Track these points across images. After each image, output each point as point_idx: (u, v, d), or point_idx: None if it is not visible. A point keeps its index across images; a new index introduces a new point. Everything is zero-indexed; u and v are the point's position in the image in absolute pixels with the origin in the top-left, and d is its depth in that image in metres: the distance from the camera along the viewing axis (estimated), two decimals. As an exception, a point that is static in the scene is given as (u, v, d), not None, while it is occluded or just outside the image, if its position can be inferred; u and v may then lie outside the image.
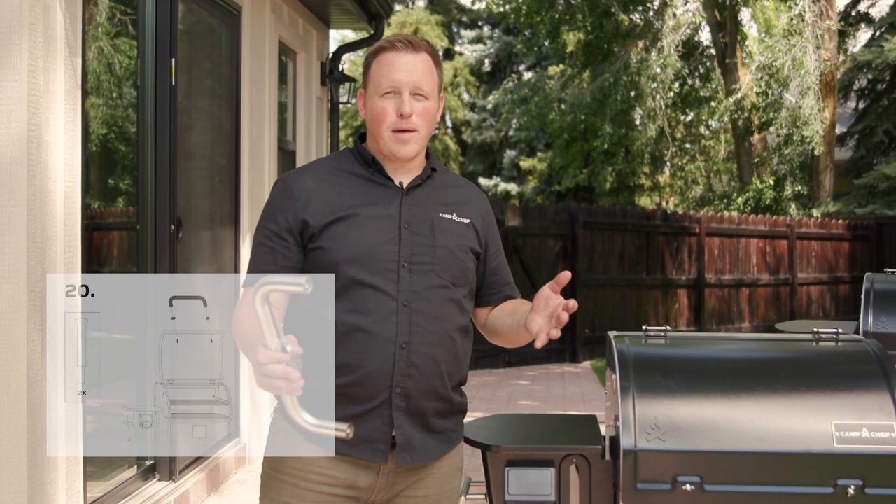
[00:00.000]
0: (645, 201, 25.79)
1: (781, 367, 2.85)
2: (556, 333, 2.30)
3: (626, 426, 2.67)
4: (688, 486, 2.63)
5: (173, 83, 4.78)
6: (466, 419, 3.13)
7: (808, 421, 2.66)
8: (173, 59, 4.77)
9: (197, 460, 5.15)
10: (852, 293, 17.54)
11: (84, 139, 3.90)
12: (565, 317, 2.30)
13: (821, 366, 2.89)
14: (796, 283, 16.52)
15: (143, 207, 4.78)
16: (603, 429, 3.08)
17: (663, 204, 26.28)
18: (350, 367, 2.35)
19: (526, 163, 27.17)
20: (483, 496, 2.96)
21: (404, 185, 2.50)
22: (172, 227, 4.79)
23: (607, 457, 2.89)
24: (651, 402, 2.70)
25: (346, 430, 2.18)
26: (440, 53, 2.48)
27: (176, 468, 4.84)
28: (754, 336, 3.20)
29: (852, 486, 2.61)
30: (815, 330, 2.95)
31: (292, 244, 2.42)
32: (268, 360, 2.06)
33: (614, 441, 2.81)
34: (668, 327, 3.01)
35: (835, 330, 2.96)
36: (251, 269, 2.46)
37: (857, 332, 4.68)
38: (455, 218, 2.52)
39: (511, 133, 27.37)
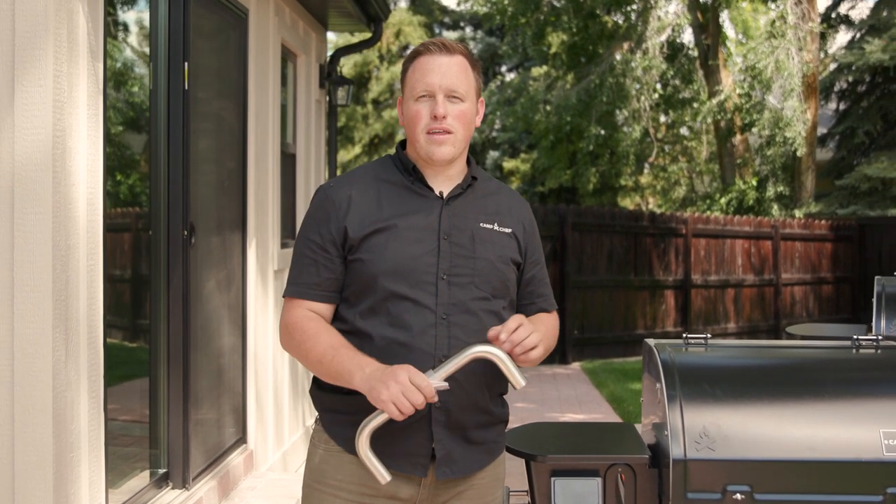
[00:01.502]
0: (627, 202, 25.87)
1: (825, 375, 2.85)
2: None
3: (674, 435, 2.66)
4: (738, 496, 2.63)
5: (186, 87, 4.74)
6: (518, 426, 3.11)
7: (856, 429, 2.66)
8: (186, 63, 4.73)
9: (208, 468, 5.10)
10: (835, 293, 17.66)
11: (106, 144, 3.86)
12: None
13: (864, 373, 2.90)
14: (780, 284, 16.61)
15: (155, 212, 4.73)
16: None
17: (642, 205, 26.35)
18: None
19: (509, 164, 27.20)
20: (525, 505, 2.94)
21: (444, 195, 2.47)
22: (185, 232, 4.75)
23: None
24: (699, 411, 2.69)
25: (384, 474, 2.27)
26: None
27: (189, 476, 4.80)
28: (792, 343, 3.21)
29: (901, 495, 2.61)
30: (856, 337, 2.96)
31: (335, 255, 2.41)
32: (416, 382, 2.17)
33: (659, 450, 2.80)
34: (709, 335, 3.01)
35: (875, 337, 2.96)
36: (294, 280, 2.45)
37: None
38: (496, 228, 2.50)
39: (494, 134, 27.37)
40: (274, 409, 6.42)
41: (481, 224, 2.47)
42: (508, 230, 2.51)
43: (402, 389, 2.16)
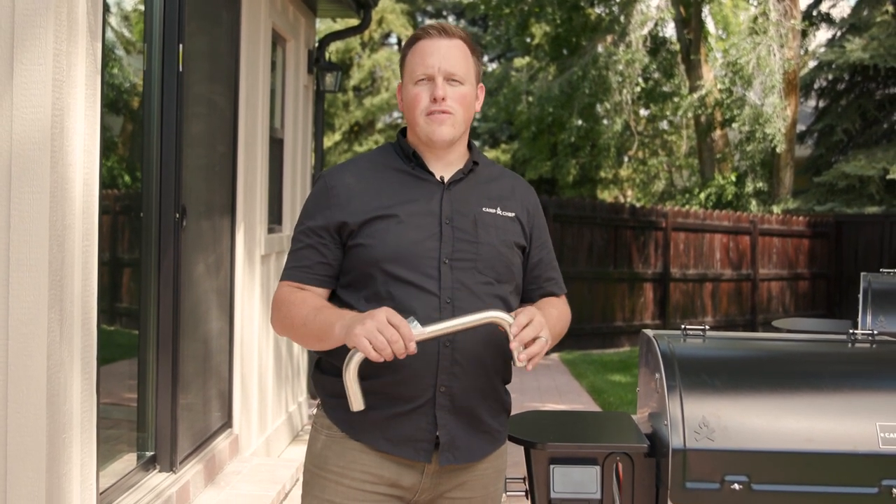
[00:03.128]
0: (606, 195, 25.95)
1: (823, 368, 2.88)
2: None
3: (674, 425, 2.68)
4: (736, 486, 2.65)
5: (180, 69, 4.72)
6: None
7: (853, 422, 2.69)
8: (181, 45, 4.70)
9: (195, 451, 5.09)
10: (811, 289, 17.80)
11: (102, 126, 3.83)
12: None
13: (861, 367, 2.93)
14: (758, 279, 16.72)
15: (147, 194, 4.71)
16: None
17: (620, 198, 26.45)
18: (392, 365, 2.30)
19: (490, 154, 27.20)
20: (523, 493, 2.95)
21: (445, 180, 2.45)
22: (177, 215, 4.73)
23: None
24: (698, 402, 2.71)
25: (359, 404, 2.20)
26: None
27: (176, 459, 4.79)
28: (788, 336, 3.23)
29: (896, 487, 2.65)
30: (851, 331, 2.99)
31: (329, 241, 2.40)
32: (394, 321, 2.10)
33: (657, 439, 2.82)
34: (707, 326, 3.03)
35: (871, 331, 2.99)
36: (291, 264, 2.45)
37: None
38: (499, 212, 2.48)
39: (476, 124, 27.37)
40: (258, 394, 6.41)
41: (484, 208, 2.46)
42: (512, 214, 2.50)
43: (377, 325, 2.10)
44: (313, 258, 2.41)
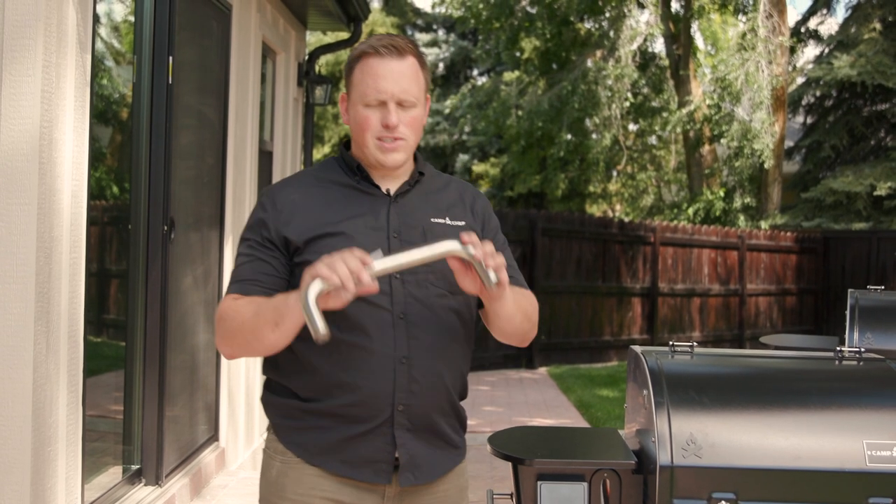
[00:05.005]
0: (594, 209, 26.00)
1: (810, 385, 2.88)
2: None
3: (662, 442, 2.67)
4: (723, 503, 2.65)
5: (170, 82, 4.71)
6: (487, 430, 3.11)
7: (840, 439, 2.68)
8: (171, 57, 4.70)
9: (181, 464, 5.07)
10: (799, 305, 17.84)
11: (91, 137, 3.83)
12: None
13: (848, 384, 2.93)
14: (746, 294, 16.76)
15: (136, 206, 4.70)
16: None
17: (609, 212, 26.51)
18: (348, 385, 2.23)
19: (479, 167, 27.25)
20: (510, 509, 2.94)
21: (392, 193, 2.37)
22: (165, 227, 4.72)
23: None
24: (686, 418, 2.70)
25: (320, 331, 2.01)
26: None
27: (162, 472, 4.77)
28: (775, 353, 3.23)
29: (883, 505, 2.65)
30: (838, 349, 2.99)
31: (279, 254, 2.30)
32: (350, 254, 2.01)
33: (644, 456, 2.82)
34: (695, 343, 3.03)
35: (857, 349, 3.00)
36: (237, 277, 2.32)
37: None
38: (448, 222, 2.38)
39: (465, 137, 27.41)
40: (245, 407, 6.39)
41: (432, 219, 2.36)
42: (462, 223, 2.40)
43: (337, 256, 2.02)
44: (261, 269, 2.29)
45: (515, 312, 2.47)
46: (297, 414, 2.31)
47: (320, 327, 2.02)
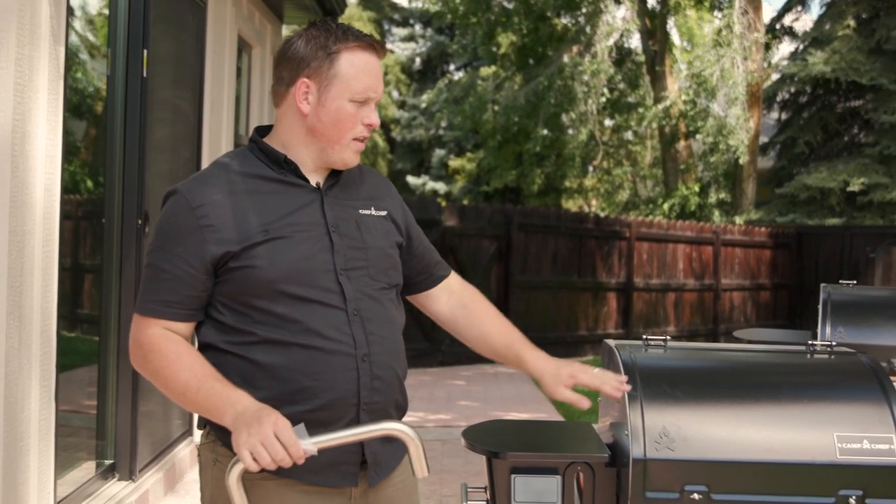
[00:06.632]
0: (570, 204, 26.07)
1: (782, 379, 2.90)
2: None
3: (635, 435, 2.69)
4: (695, 495, 2.66)
5: (144, 75, 4.69)
6: (462, 424, 3.11)
7: (811, 432, 2.71)
8: (145, 51, 4.68)
9: (155, 459, 5.05)
10: (773, 300, 17.95)
11: (64, 131, 3.80)
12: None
13: (819, 377, 2.95)
14: (720, 289, 16.84)
15: (110, 200, 4.68)
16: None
17: (585, 207, 26.59)
18: (312, 390, 2.13)
19: (455, 162, 27.25)
20: (484, 502, 2.95)
21: (321, 186, 2.25)
22: (140, 221, 4.70)
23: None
24: (659, 412, 2.72)
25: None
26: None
27: (136, 467, 4.75)
28: (748, 347, 3.25)
29: (853, 497, 2.67)
30: (810, 343, 3.02)
31: (202, 273, 2.12)
32: (282, 437, 1.90)
33: (617, 449, 2.84)
34: (668, 337, 3.05)
35: (829, 342, 3.03)
36: (154, 297, 2.13)
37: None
38: (374, 212, 2.31)
39: (441, 132, 27.41)
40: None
41: (361, 210, 2.29)
42: (384, 213, 2.34)
43: (262, 440, 1.90)
44: (182, 291, 2.12)
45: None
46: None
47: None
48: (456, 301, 2.55)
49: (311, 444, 1.96)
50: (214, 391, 2.03)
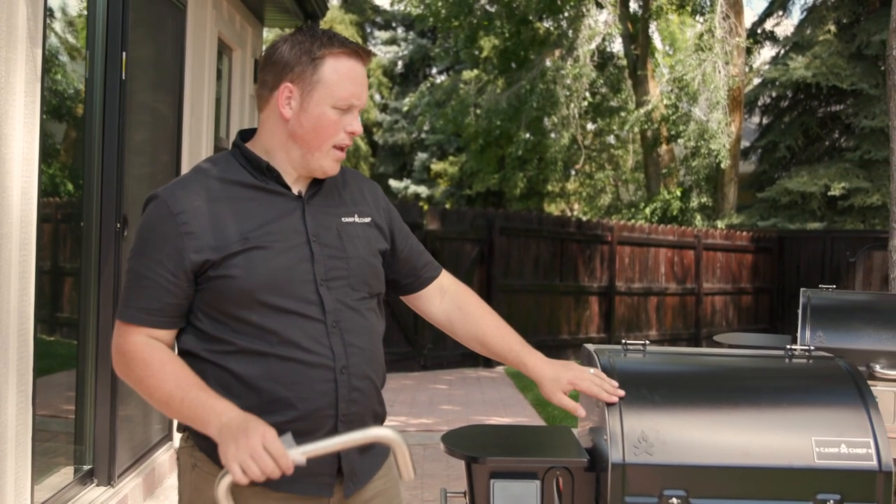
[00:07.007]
0: (553, 208, 26.10)
1: (761, 383, 2.91)
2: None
3: (613, 440, 2.68)
4: (674, 500, 2.66)
5: (123, 77, 4.66)
6: (444, 428, 3.11)
7: (789, 436, 2.71)
8: (124, 53, 4.65)
9: (134, 464, 5.02)
10: (754, 304, 18.02)
11: (42, 133, 3.78)
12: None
13: (798, 382, 2.96)
14: (702, 293, 16.89)
15: (88, 203, 4.65)
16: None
17: (567, 211, 26.63)
18: (289, 401, 2.12)
19: (437, 166, 27.24)
20: (463, 508, 2.94)
21: (303, 194, 2.22)
22: (118, 224, 4.67)
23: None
24: (638, 416, 2.72)
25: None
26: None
27: (114, 473, 4.72)
28: (727, 351, 3.25)
29: (831, 501, 2.67)
30: (789, 347, 3.02)
31: (183, 280, 2.11)
32: (270, 449, 1.90)
33: (597, 454, 2.83)
34: (647, 341, 3.05)
35: (808, 347, 3.03)
36: (131, 303, 2.12)
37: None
38: (357, 220, 2.29)
39: (423, 136, 27.41)
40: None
41: (343, 218, 2.25)
42: (368, 219, 2.31)
43: (250, 452, 1.90)
44: (163, 298, 2.10)
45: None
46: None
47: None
48: (450, 302, 2.54)
49: (299, 454, 1.95)
50: (198, 401, 2.01)
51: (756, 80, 23.00)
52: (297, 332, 2.12)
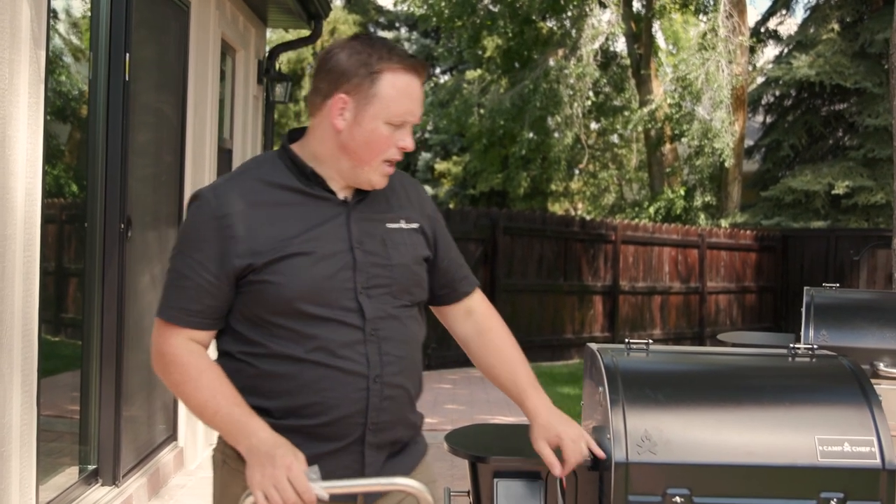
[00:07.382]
0: (556, 207, 26.10)
1: (764, 382, 2.91)
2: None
3: (617, 439, 2.68)
4: (677, 499, 2.66)
5: (126, 79, 4.67)
6: (448, 428, 3.11)
7: (792, 435, 2.71)
8: (127, 55, 4.66)
9: (138, 464, 5.03)
10: (758, 303, 18.01)
11: (45, 134, 3.79)
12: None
13: (801, 380, 2.96)
14: (706, 292, 16.88)
15: (91, 204, 4.66)
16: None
17: (571, 211, 26.62)
18: (320, 406, 2.11)
19: (440, 166, 27.24)
20: (467, 507, 2.95)
21: (349, 200, 2.19)
22: (122, 225, 4.68)
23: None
24: (641, 416, 2.72)
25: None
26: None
27: (119, 472, 4.73)
28: (730, 350, 3.26)
29: (834, 500, 2.67)
30: (792, 346, 3.02)
31: (225, 283, 2.10)
32: (295, 483, 1.93)
33: (600, 453, 2.84)
34: (651, 340, 3.05)
35: (811, 346, 3.03)
36: (173, 303, 2.12)
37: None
38: (404, 226, 2.25)
39: (427, 136, 27.41)
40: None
41: (388, 225, 2.22)
42: (416, 225, 2.27)
43: (274, 483, 1.94)
44: (204, 300, 2.10)
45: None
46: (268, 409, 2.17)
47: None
48: (472, 326, 2.49)
49: (322, 490, 1.97)
50: (232, 417, 2.04)
51: (759, 79, 22.97)
52: (332, 340, 2.11)
